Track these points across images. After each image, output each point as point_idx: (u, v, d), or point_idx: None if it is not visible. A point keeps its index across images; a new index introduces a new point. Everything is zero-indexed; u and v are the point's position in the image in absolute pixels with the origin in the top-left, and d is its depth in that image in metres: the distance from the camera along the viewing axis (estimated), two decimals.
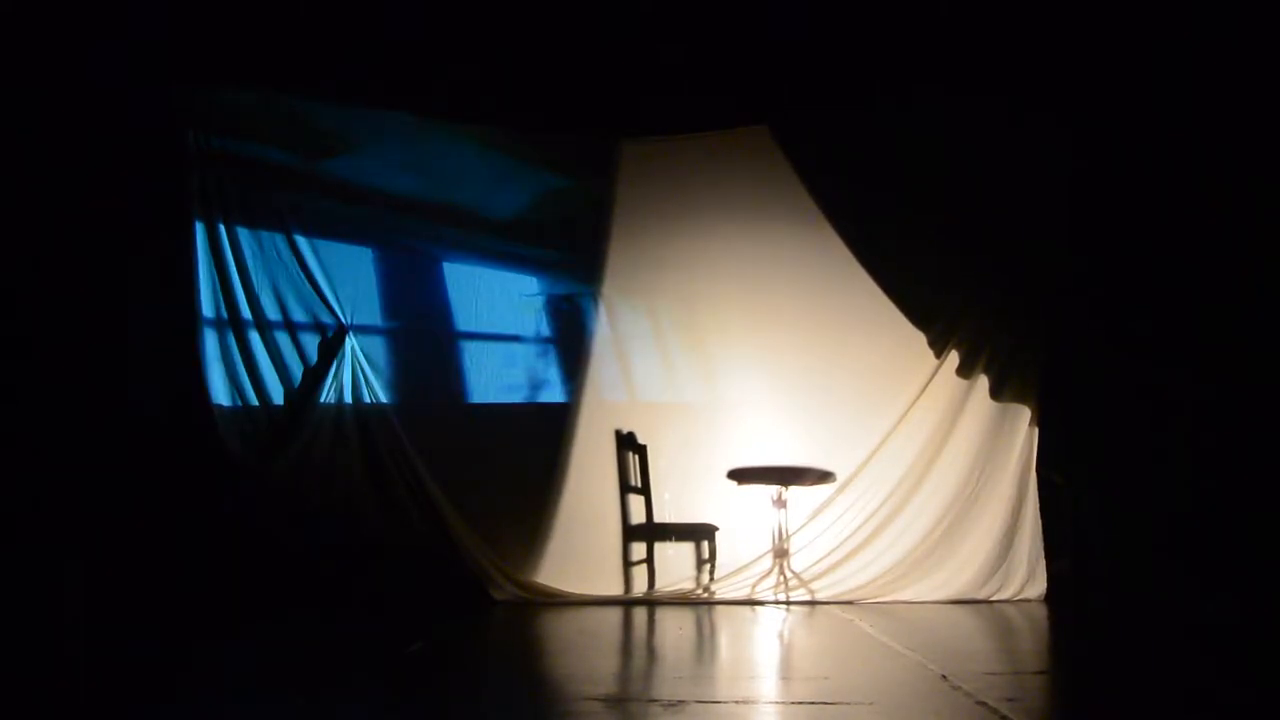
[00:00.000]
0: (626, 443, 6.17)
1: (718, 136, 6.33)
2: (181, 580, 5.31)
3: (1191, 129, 5.63)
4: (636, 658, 4.68)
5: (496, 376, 6.39)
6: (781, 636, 5.04)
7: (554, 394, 6.36)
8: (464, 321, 6.38)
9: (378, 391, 6.09)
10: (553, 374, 6.41)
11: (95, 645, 4.50)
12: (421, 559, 5.85)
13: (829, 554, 5.99)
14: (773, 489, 5.93)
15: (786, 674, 4.17)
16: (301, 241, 6.08)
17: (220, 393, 5.90)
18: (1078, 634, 5.26)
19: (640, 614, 5.69)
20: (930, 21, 5.84)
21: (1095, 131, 5.82)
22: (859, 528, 5.99)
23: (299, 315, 6.08)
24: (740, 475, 5.99)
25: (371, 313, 6.25)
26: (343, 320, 6.10)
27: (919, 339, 6.12)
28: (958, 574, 5.91)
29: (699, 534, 6.10)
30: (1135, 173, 5.79)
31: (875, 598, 5.88)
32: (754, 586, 5.96)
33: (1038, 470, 5.96)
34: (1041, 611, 5.66)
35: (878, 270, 6.12)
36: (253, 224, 6.03)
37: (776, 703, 3.51)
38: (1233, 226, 5.57)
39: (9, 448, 4.97)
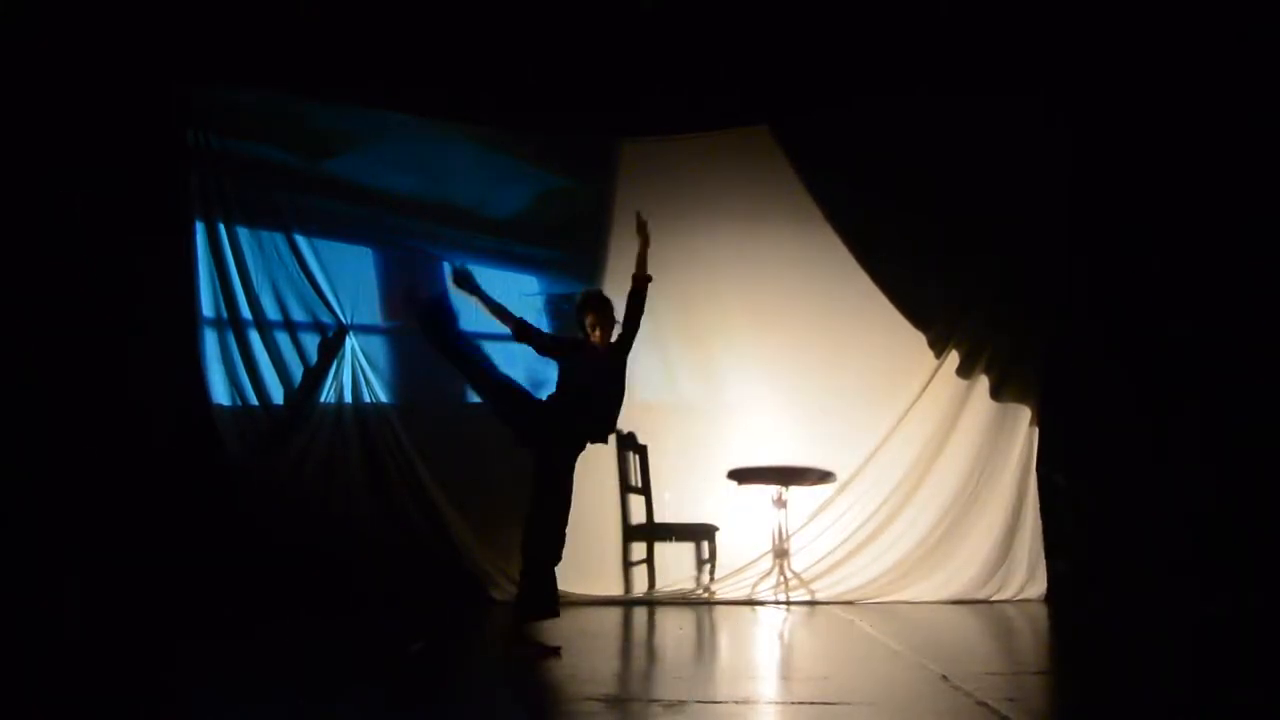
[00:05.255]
0: (627, 443, 6.16)
1: (718, 136, 6.32)
2: (181, 580, 5.30)
3: (1191, 129, 5.63)
4: (636, 658, 4.69)
5: None
6: (782, 636, 5.04)
7: None
8: (464, 321, 6.35)
9: (378, 391, 6.09)
10: (553, 374, 6.39)
11: (96, 645, 4.51)
12: (421, 559, 5.85)
13: (829, 554, 5.99)
14: (773, 489, 5.93)
15: (787, 674, 4.18)
16: (301, 241, 6.07)
17: (220, 392, 5.90)
18: (1078, 634, 5.26)
19: (640, 614, 5.69)
20: (931, 22, 5.84)
21: (1095, 131, 5.82)
22: (859, 528, 6.00)
23: (299, 315, 6.07)
24: (740, 475, 5.99)
25: (371, 313, 6.24)
26: (343, 320, 6.09)
27: (919, 339, 6.12)
28: (958, 574, 5.91)
29: (699, 534, 6.10)
30: (1135, 173, 5.79)
31: (875, 598, 5.88)
32: (754, 587, 5.96)
33: (1038, 470, 5.96)
34: (1041, 611, 5.66)
35: (878, 271, 6.12)
36: (253, 224, 6.03)
37: (777, 703, 3.51)
38: (1233, 226, 5.57)
39: (10, 447, 4.97)
